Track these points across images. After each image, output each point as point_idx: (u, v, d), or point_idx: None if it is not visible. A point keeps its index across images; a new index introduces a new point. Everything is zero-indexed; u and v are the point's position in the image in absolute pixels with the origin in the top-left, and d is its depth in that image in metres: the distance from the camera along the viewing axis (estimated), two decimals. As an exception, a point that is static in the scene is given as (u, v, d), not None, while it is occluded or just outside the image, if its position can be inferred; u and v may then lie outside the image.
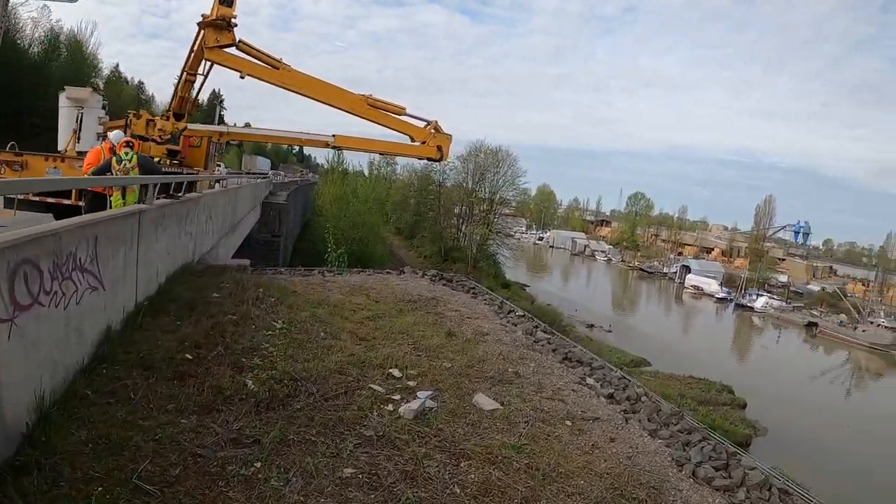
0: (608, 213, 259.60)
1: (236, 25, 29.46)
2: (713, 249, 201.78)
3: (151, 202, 13.15)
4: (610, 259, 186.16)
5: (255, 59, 30.87)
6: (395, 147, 36.08)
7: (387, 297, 19.83)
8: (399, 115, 33.23)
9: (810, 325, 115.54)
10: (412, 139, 33.98)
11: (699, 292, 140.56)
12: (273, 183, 66.15)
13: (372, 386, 10.82)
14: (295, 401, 9.45)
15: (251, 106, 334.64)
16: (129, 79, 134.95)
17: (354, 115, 32.29)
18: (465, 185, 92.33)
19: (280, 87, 31.45)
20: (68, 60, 78.39)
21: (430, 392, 10.82)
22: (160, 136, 31.44)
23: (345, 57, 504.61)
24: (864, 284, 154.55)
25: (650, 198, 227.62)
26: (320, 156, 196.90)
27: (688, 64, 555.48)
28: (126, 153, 15.43)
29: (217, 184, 30.55)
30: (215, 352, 10.57)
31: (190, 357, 10.04)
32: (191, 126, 33.37)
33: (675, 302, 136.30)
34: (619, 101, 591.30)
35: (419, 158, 37.83)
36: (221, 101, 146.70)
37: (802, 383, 75.30)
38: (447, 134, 33.86)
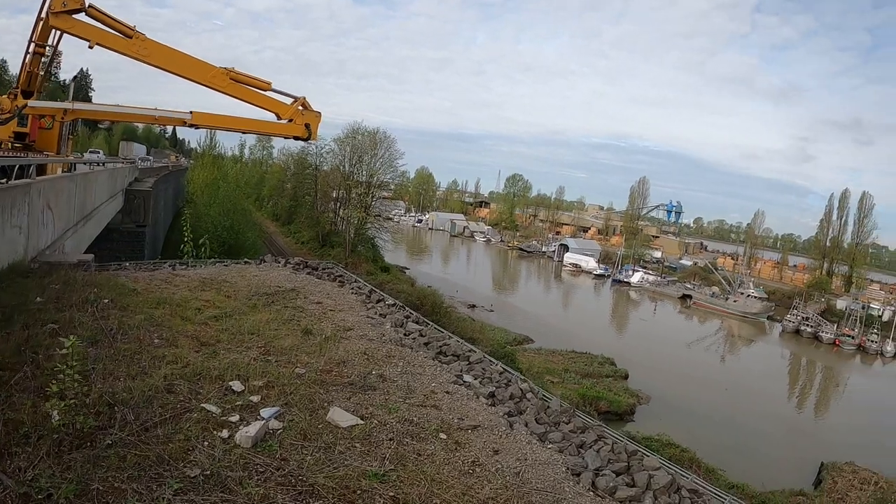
0: (487, 195, 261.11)
1: (85, -13, 26.65)
2: (590, 228, 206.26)
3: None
4: (489, 240, 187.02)
5: (107, 26, 28.03)
6: (260, 125, 33.64)
7: (240, 292, 17.86)
8: (264, 90, 30.90)
9: (685, 298, 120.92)
10: (278, 116, 31.66)
11: (577, 270, 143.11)
12: (140, 169, 62.10)
13: (205, 406, 8.94)
14: (107, 434, 7.48)
15: (126, 87, 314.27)
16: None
17: (216, 90, 29.71)
18: (342, 167, 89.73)
19: (134, 58, 28.52)
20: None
21: (275, 410, 8.94)
22: None
23: (224, 36, 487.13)
24: (733, 259, 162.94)
25: (528, 179, 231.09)
26: (195, 139, 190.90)
27: (566, 52, 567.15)
28: None
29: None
30: (21, 373, 8.56)
31: (-10, 382, 7.96)
32: (31, 103, 30.12)
33: (554, 280, 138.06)
34: (498, 86, 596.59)
35: (286, 137, 34.57)
36: (86, 80, 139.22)
37: (680, 351, 77.85)
38: (316, 111, 31.84)
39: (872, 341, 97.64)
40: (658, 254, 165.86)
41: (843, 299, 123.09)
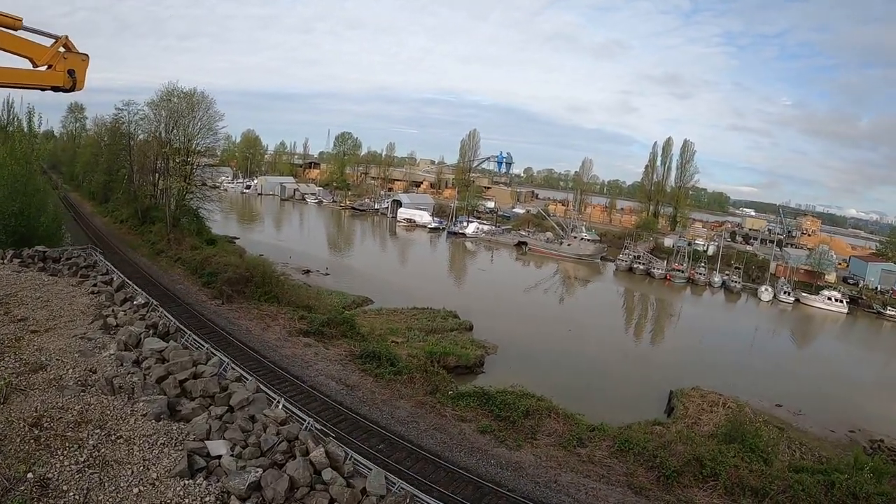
0: (317, 156, 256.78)
1: None
2: (422, 183, 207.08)
3: None
4: (321, 201, 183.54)
5: None
6: (7, 74, 25.07)
7: None
8: (13, 29, 23.92)
9: (520, 245, 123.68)
10: (34, 63, 24.86)
11: (412, 224, 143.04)
12: None
13: None
14: None
15: None
16: None
17: None
18: (158, 134, 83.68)
19: None
20: None
21: None
22: None
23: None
24: (563, 205, 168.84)
25: (358, 137, 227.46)
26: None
27: (393, 8, 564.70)
28: None
29: None
30: None
31: None
32: None
33: (389, 236, 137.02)
34: (326, 44, 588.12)
35: (42, 89, 27.31)
36: None
37: (521, 297, 79.46)
38: (82, 53, 25.57)
39: (701, 274, 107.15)
40: (491, 204, 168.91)
41: (669, 238, 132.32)
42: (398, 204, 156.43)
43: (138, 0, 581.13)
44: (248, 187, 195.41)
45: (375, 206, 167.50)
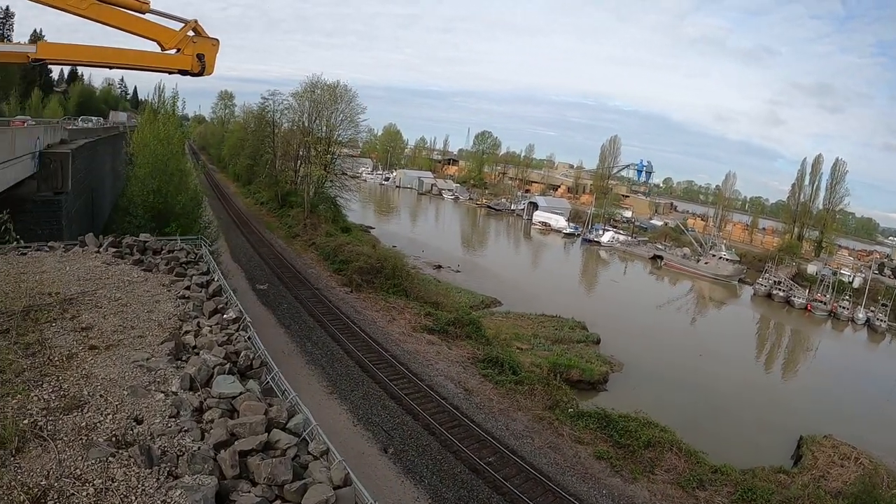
0: (456, 153, 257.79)
1: None
2: (560, 186, 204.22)
3: None
4: (458, 198, 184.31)
5: None
6: (134, 56, 26.31)
7: None
8: (141, 12, 24.81)
9: (655, 258, 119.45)
10: (162, 46, 25.64)
11: (547, 228, 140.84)
12: (70, 129, 57.13)
13: None
14: None
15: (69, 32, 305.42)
16: None
17: (74, 13, 23.77)
18: (301, 124, 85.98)
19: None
20: None
21: None
22: None
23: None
24: (702, 220, 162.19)
25: (497, 137, 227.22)
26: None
27: (537, 8, 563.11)
28: None
29: None
30: None
31: None
32: None
33: (524, 238, 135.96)
34: (467, 43, 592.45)
35: (170, 72, 26.83)
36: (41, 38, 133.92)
37: (652, 314, 76.19)
38: (212, 38, 26.16)
39: (844, 308, 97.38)
40: (628, 213, 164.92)
41: (813, 264, 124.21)
42: (534, 206, 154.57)
43: None
44: (387, 179, 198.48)
45: (511, 207, 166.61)
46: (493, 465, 28.01)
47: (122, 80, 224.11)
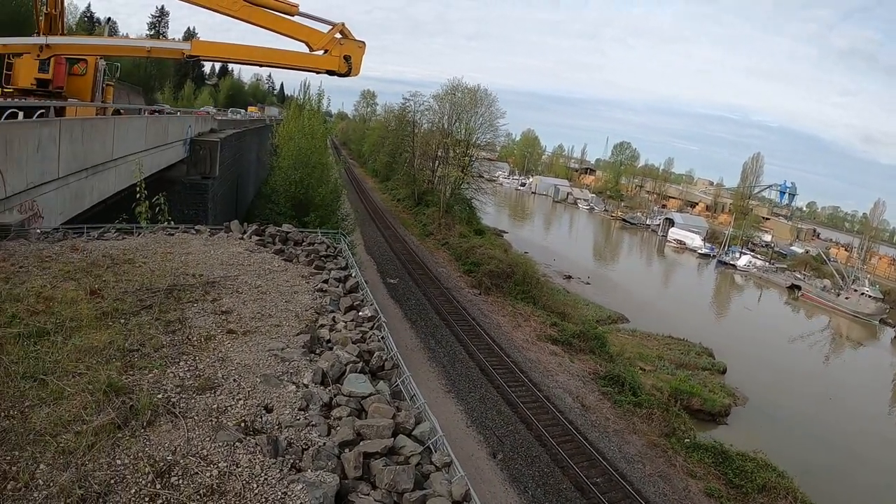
0: (593, 162, 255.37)
1: None
2: (697, 204, 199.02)
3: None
4: (592, 208, 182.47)
5: None
6: (282, 56, 28.25)
7: (124, 283, 12.40)
8: (289, 14, 26.47)
9: (793, 288, 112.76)
10: (310, 47, 27.32)
11: (682, 247, 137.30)
12: (219, 120, 61.92)
13: None
14: None
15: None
16: (100, 20, 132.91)
17: (226, 14, 26.01)
18: (440, 125, 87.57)
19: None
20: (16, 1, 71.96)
21: None
22: None
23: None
24: (846, 250, 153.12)
25: (636, 148, 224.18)
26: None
27: (681, 17, 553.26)
28: None
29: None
30: None
31: None
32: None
33: (656, 255, 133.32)
34: (609, 50, 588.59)
35: (317, 72, 29.16)
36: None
37: (783, 347, 72.68)
38: (358, 41, 27.37)
39: None
40: (768, 237, 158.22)
41: None
42: (670, 222, 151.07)
43: (431, 2, 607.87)
44: (523, 185, 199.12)
45: (647, 222, 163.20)
46: (599, 487, 27.93)
47: (269, 75, 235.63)
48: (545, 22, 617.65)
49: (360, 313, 14.19)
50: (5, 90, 29.69)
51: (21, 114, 20.91)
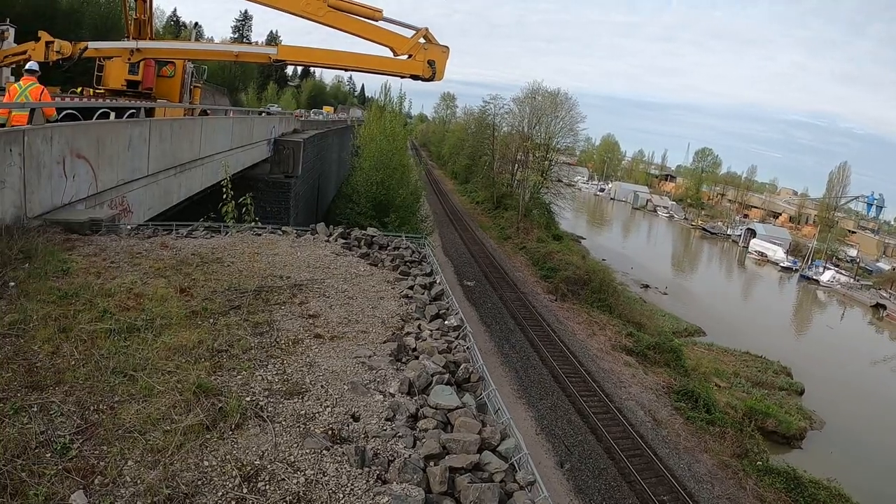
0: (673, 168, 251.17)
1: None
2: (781, 214, 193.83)
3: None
4: (672, 216, 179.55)
5: None
6: (367, 60, 28.97)
7: (213, 283, 12.40)
8: (374, 20, 27.09)
9: (878, 307, 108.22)
10: (394, 52, 28.00)
11: (763, 259, 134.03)
12: (302, 121, 64.15)
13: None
14: None
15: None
16: (186, 24, 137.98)
17: (312, 20, 26.61)
18: (520, 129, 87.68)
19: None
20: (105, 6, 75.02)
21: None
22: (59, 59, 27.65)
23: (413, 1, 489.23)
24: None
25: (718, 155, 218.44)
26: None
27: (763, 19, 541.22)
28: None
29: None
30: None
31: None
32: (92, 44, 29.03)
33: (737, 267, 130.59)
34: (688, 54, 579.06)
35: (401, 76, 29.72)
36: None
37: (865, 370, 70.01)
38: (442, 45, 27.61)
39: None
40: (854, 252, 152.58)
41: None
42: (752, 233, 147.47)
43: (509, 5, 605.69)
44: (602, 190, 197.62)
45: (728, 232, 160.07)
46: (663, 505, 27.79)
47: (350, 77, 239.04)
48: (621, 24, 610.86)
49: (446, 322, 14.02)
50: (97, 91, 31.09)
51: (112, 114, 21.80)
